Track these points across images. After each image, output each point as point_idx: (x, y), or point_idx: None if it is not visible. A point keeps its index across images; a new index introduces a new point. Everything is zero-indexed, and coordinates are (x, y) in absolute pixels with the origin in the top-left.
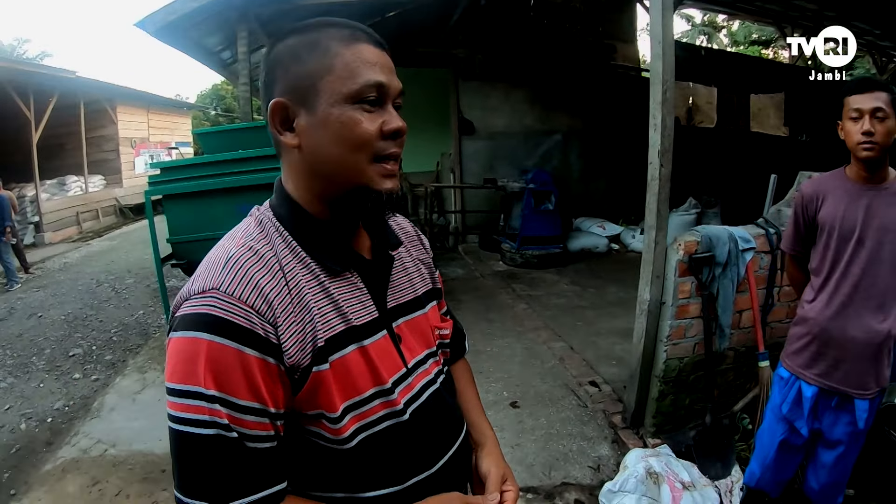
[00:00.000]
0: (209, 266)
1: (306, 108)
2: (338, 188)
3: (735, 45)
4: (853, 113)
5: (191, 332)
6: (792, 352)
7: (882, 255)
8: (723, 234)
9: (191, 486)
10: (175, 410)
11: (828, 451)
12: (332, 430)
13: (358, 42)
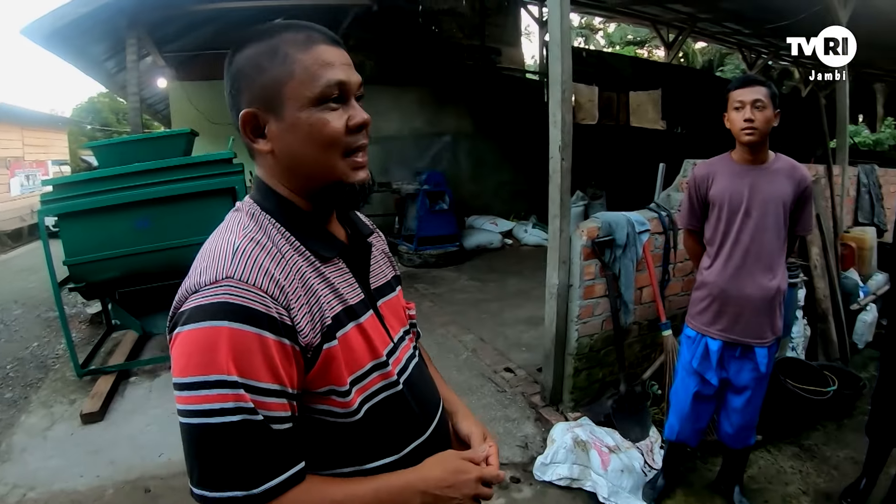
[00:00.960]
0: (214, 258)
1: (275, 115)
2: (315, 184)
3: (611, 46)
4: (736, 104)
5: (208, 322)
6: (696, 313)
7: (766, 224)
8: (621, 219)
9: (217, 478)
10: (193, 404)
11: (737, 397)
12: (341, 403)
13: (314, 44)
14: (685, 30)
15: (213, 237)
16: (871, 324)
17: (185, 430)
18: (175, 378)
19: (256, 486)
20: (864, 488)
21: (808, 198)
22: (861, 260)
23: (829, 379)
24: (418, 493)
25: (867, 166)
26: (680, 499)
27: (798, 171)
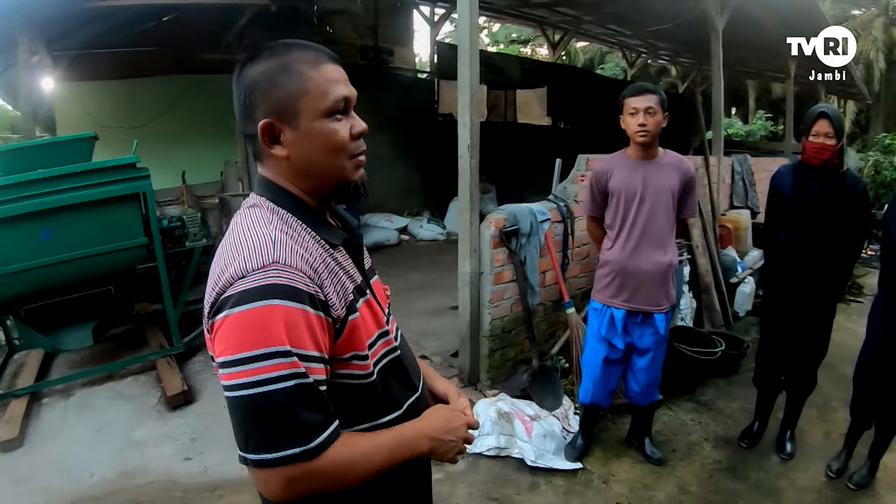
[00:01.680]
0: (255, 248)
1: (290, 125)
2: (326, 183)
3: (496, 45)
4: (631, 110)
5: (262, 301)
6: (601, 288)
7: (658, 209)
8: (524, 210)
9: (275, 439)
10: (251, 376)
11: (641, 358)
12: (361, 366)
13: (322, 63)
14: (570, 31)
15: (242, 230)
16: (750, 294)
17: (241, 403)
18: (226, 357)
19: (311, 440)
20: (756, 431)
21: (692, 187)
22: (737, 239)
23: (716, 342)
24: (426, 437)
25: (740, 156)
26: (598, 455)
27: (683, 163)
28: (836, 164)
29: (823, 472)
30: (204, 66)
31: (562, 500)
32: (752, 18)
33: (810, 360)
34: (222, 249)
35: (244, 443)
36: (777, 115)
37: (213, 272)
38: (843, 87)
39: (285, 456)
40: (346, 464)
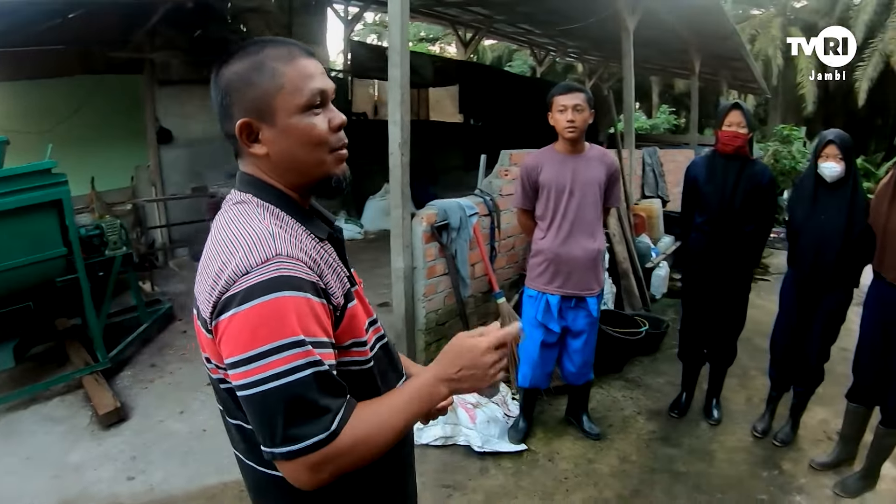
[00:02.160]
0: (254, 241)
1: (267, 122)
2: (308, 179)
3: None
4: (560, 108)
5: (270, 295)
6: (535, 276)
7: (586, 200)
8: (453, 205)
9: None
10: (267, 370)
11: (576, 340)
12: (361, 352)
13: (295, 58)
14: (482, 30)
15: (235, 227)
16: (664, 278)
17: (262, 398)
18: (239, 355)
19: (332, 424)
20: (684, 401)
21: (617, 178)
22: (650, 226)
23: (640, 323)
24: (441, 382)
25: (650, 148)
26: (540, 435)
27: (608, 157)
28: (747, 152)
29: (750, 433)
30: (112, 65)
31: (512, 481)
32: (661, 19)
33: (730, 332)
34: (215, 248)
35: (270, 438)
36: (680, 109)
37: (208, 272)
38: (744, 82)
39: (313, 443)
40: (364, 436)
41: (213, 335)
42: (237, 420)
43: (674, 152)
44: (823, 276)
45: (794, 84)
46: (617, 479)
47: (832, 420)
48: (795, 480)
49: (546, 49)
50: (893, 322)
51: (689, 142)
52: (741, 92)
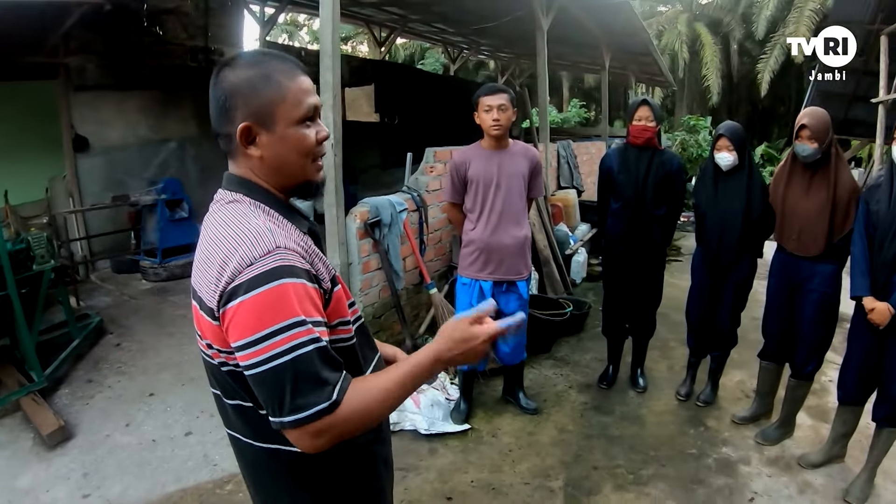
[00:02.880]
0: (256, 237)
1: (266, 129)
2: (292, 182)
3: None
4: (486, 108)
5: (275, 282)
6: (467, 265)
7: (513, 192)
8: (384, 202)
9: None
10: (275, 348)
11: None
12: (346, 330)
13: (297, 75)
14: (397, 29)
15: (233, 224)
16: (583, 263)
17: (271, 374)
18: (248, 337)
19: (333, 393)
20: (612, 374)
21: (539, 171)
22: (567, 215)
23: (564, 305)
24: (440, 361)
25: (564, 141)
26: (481, 415)
27: (531, 151)
28: (656, 143)
29: (674, 397)
30: (24, 70)
31: (461, 458)
32: (573, 17)
33: (649, 306)
34: (216, 243)
35: (278, 408)
36: (589, 102)
37: (211, 265)
38: (651, 75)
39: (316, 411)
40: (363, 406)
41: (219, 322)
42: (235, 401)
43: (587, 144)
44: (728, 252)
45: (700, 76)
46: (558, 448)
47: (748, 381)
48: (720, 434)
49: (459, 47)
50: (794, 286)
51: (601, 134)
52: (649, 85)
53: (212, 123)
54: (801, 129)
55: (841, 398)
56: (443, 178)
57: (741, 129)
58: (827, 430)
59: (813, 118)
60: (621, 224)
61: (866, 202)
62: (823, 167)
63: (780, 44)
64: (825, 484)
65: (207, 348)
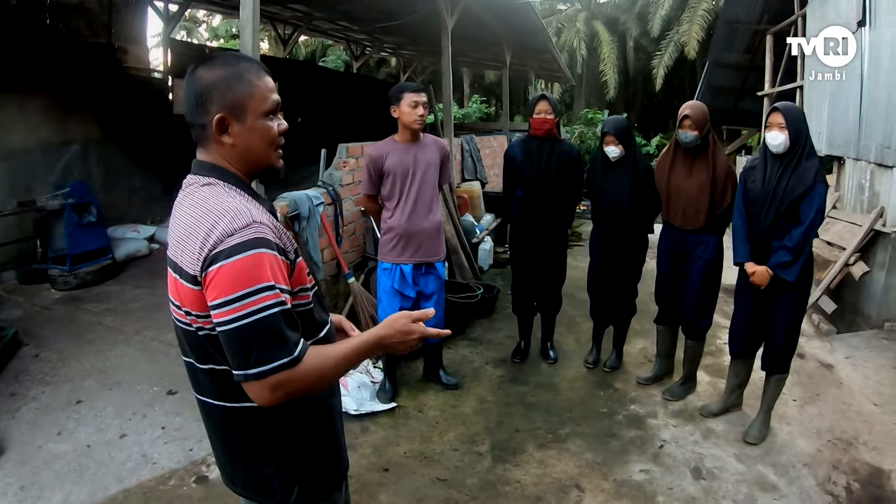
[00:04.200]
0: (236, 212)
1: (238, 120)
2: (257, 168)
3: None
4: (411, 103)
5: (252, 251)
6: (388, 251)
7: (426, 181)
8: (302, 196)
9: (269, 353)
10: (248, 308)
11: (428, 301)
12: (305, 296)
13: (263, 75)
14: (301, 26)
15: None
16: (490, 251)
17: (242, 329)
18: (226, 297)
19: (294, 351)
20: (524, 348)
21: (448, 160)
22: (473, 206)
23: (475, 289)
24: (380, 346)
25: (468, 136)
26: (406, 394)
27: (440, 142)
28: (556, 134)
29: (583, 366)
30: None
31: (392, 433)
32: (477, 16)
33: (555, 283)
34: (197, 219)
35: (245, 361)
36: (490, 97)
37: (194, 237)
38: (550, 72)
39: (279, 364)
40: (318, 368)
41: (201, 286)
42: (209, 365)
43: (489, 139)
44: (619, 232)
45: (598, 72)
46: (481, 416)
47: (649, 347)
48: (628, 394)
49: (362, 45)
50: (681, 256)
51: (502, 128)
52: (548, 81)
53: (186, 116)
54: (684, 118)
55: (732, 352)
56: (356, 172)
57: (624, 123)
58: (723, 385)
59: (694, 109)
60: (526, 209)
61: (744, 180)
62: (703, 152)
63: (674, 41)
64: (726, 429)
65: (185, 316)
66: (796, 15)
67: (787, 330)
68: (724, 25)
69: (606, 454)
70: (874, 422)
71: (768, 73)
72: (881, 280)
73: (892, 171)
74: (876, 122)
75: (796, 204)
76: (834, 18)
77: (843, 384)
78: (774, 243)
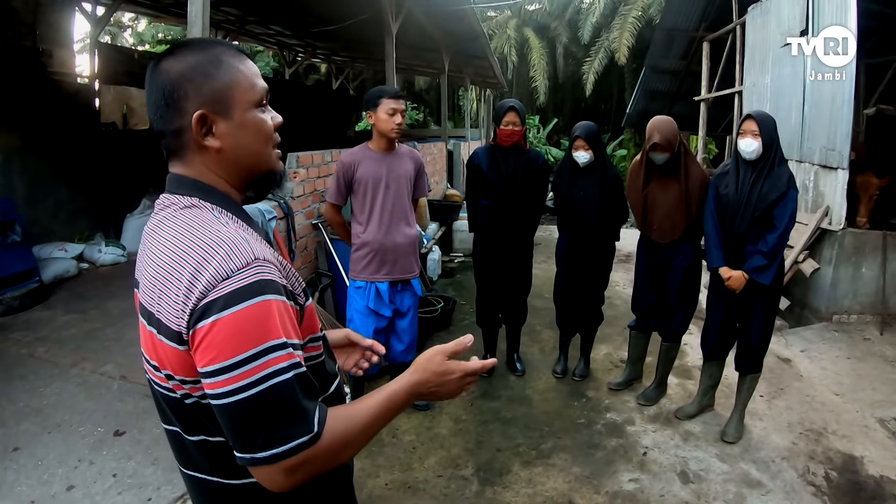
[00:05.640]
0: (231, 246)
1: (223, 116)
2: (255, 174)
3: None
4: (389, 110)
5: (256, 298)
6: (362, 268)
7: (401, 192)
8: (254, 210)
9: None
10: (253, 375)
11: (403, 319)
12: (315, 347)
13: (244, 58)
14: (233, 31)
15: (198, 232)
16: (438, 261)
17: (246, 403)
18: (222, 362)
19: (313, 425)
20: None
21: (423, 172)
22: (419, 215)
23: (433, 302)
24: (414, 395)
25: (410, 143)
26: None
27: (414, 154)
28: (523, 144)
29: (552, 376)
30: None
31: (369, 463)
32: (417, 22)
33: (520, 294)
34: (178, 254)
35: (251, 443)
36: (420, 104)
37: (176, 280)
38: (485, 77)
39: (296, 445)
40: (343, 438)
41: (188, 346)
42: (200, 436)
43: (429, 146)
44: (587, 238)
45: (528, 78)
46: (459, 437)
47: (614, 352)
48: (602, 402)
49: (295, 50)
50: (660, 265)
51: (440, 135)
52: (482, 87)
53: (153, 123)
54: (654, 146)
55: (706, 355)
56: (306, 183)
57: (595, 129)
58: (692, 385)
59: (662, 133)
60: (492, 218)
61: (716, 186)
62: (675, 166)
63: (604, 47)
64: (703, 430)
65: (167, 380)
66: (735, 23)
67: (762, 331)
68: (662, 32)
69: (593, 466)
70: (839, 411)
71: (705, 78)
72: (828, 275)
73: (836, 172)
74: (819, 126)
75: (770, 209)
76: (776, 27)
77: (804, 377)
78: (749, 248)
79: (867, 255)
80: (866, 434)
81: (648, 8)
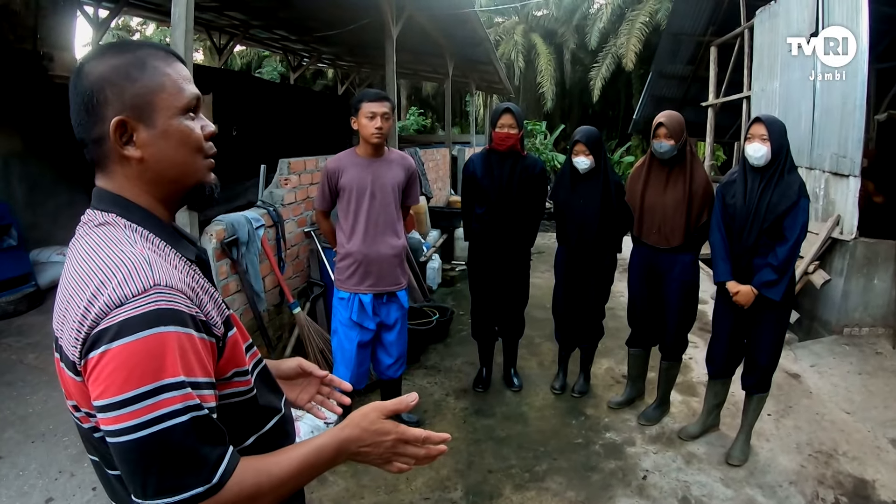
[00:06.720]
0: (130, 270)
1: (145, 123)
2: (182, 188)
3: None
4: (369, 114)
5: (151, 330)
6: (345, 279)
7: (387, 201)
8: (240, 219)
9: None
10: (142, 416)
11: (390, 332)
12: (243, 382)
13: (173, 61)
14: (238, 35)
15: (103, 252)
16: (438, 269)
17: (135, 446)
18: (111, 398)
19: (213, 475)
20: (486, 376)
21: (415, 179)
22: (419, 223)
23: (429, 313)
24: (343, 453)
25: (412, 149)
26: None
27: (406, 160)
28: (519, 148)
29: (549, 392)
30: None
31: (354, 483)
32: (420, 27)
33: (518, 306)
34: (81, 277)
35: (141, 490)
36: (427, 110)
37: (76, 305)
38: (490, 83)
39: (191, 496)
40: (252, 492)
41: (82, 376)
42: (118, 471)
43: (432, 151)
44: (587, 249)
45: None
46: (449, 457)
47: (616, 367)
48: (601, 421)
49: (300, 55)
50: (657, 276)
51: (445, 141)
52: (488, 92)
53: (75, 132)
54: (659, 127)
55: (712, 373)
56: (298, 190)
57: (596, 134)
58: (696, 403)
59: (669, 118)
60: (487, 227)
61: (722, 195)
62: (679, 164)
63: (611, 53)
64: (707, 452)
65: (75, 410)
66: (743, 27)
67: (771, 349)
68: (669, 37)
69: (589, 490)
70: (849, 430)
71: (712, 84)
72: (839, 287)
73: (848, 179)
74: (830, 132)
75: (780, 220)
76: (785, 30)
77: (813, 393)
78: (757, 261)
79: (879, 266)
80: (878, 456)
81: (656, 13)
